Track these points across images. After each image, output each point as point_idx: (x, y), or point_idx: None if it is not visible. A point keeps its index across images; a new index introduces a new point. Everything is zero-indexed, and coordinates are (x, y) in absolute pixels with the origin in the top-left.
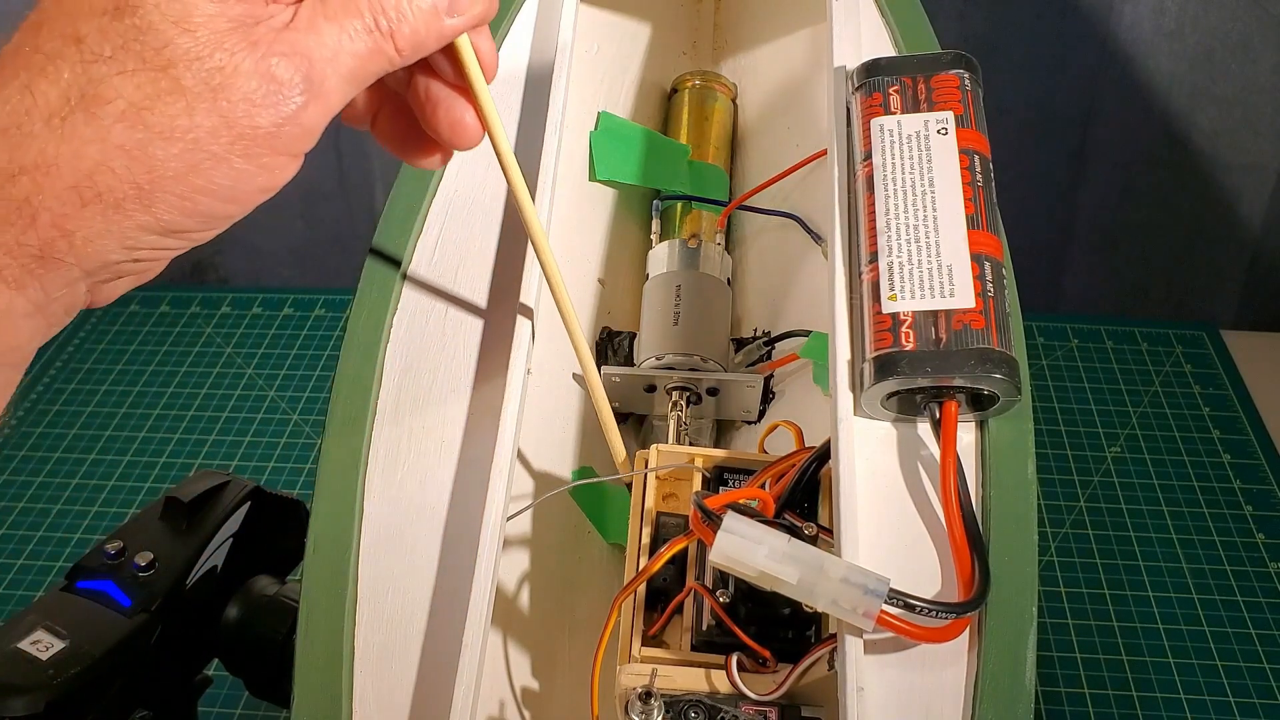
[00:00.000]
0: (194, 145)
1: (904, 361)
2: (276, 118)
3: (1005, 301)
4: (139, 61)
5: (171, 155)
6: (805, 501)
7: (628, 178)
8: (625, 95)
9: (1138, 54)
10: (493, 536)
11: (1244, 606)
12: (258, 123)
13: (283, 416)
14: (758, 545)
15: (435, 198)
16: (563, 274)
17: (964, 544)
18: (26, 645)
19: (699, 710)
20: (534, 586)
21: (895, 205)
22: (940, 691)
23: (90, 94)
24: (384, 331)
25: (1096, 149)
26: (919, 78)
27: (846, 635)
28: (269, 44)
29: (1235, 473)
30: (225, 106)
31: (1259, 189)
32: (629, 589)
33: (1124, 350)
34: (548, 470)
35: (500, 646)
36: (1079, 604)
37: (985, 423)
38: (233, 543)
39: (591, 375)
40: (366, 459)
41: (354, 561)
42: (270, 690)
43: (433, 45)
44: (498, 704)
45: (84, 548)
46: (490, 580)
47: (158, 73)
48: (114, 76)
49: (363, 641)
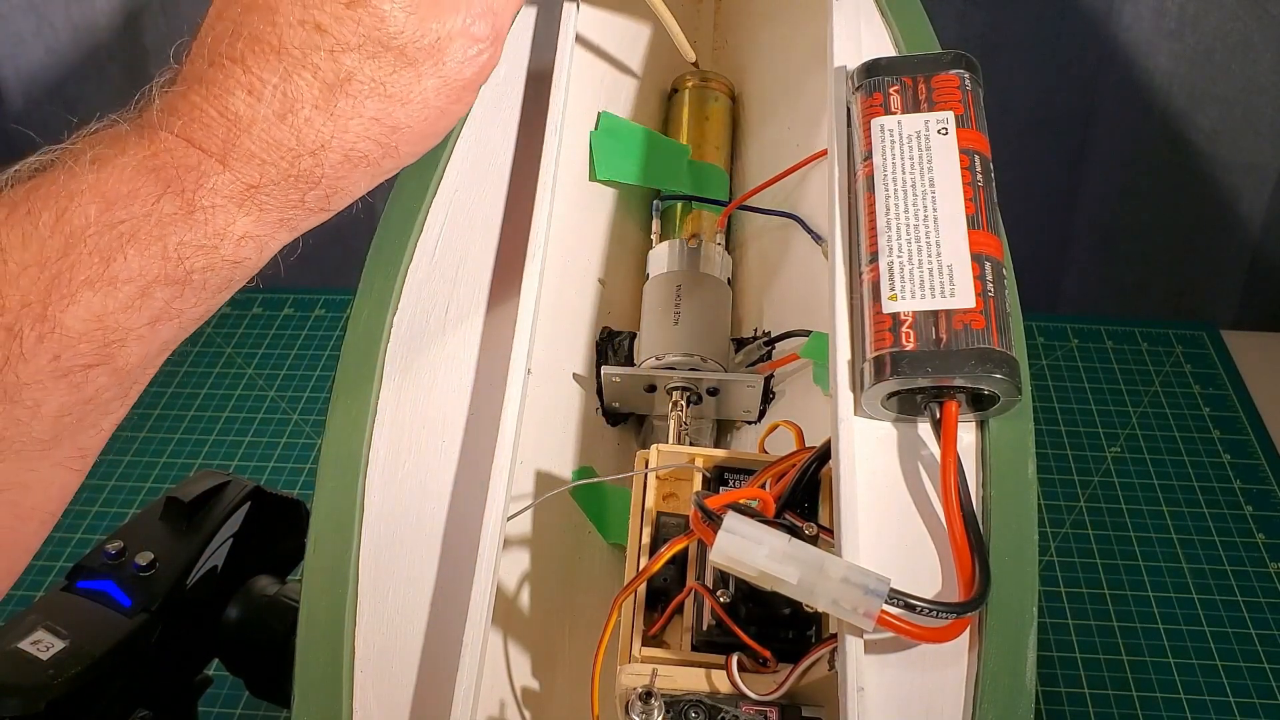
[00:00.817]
0: (423, 104)
1: (904, 361)
2: (477, 66)
3: (1005, 301)
4: (379, 47)
5: (410, 115)
6: (805, 501)
7: (628, 178)
8: (625, 95)
9: (1138, 54)
10: (493, 536)
11: (1244, 606)
12: (466, 74)
13: (283, 416)
14: (758, 545)
15: (435, 197)
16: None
17: (964, 544)
18: (27, 645)
19: (699, 710)
20: (534, 586)
21: (896, 205)
22: (940, 691)
23: (346, 78)
24: (384, 331)
25: (1096, 149)
26: (919, 78)
27: (847, 635)
28: (466, 6)
29: (1235, 473)
30: (443, 69)
31: (1259, 189)
32: (629, 589)
33: (1124, 350)
34: (548, 470)
35: (500, 646)
36: (1079, 604)
37: (985, 423)
38: (233, 543)
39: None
40: (366, 459)
41: (354, 561)
42: (270, 690)
43: None
44: (498, 704)
45: (84, 548)
46: (490, 580)
47: (395, 54)
48: (363, 63)
49: (363, 641)
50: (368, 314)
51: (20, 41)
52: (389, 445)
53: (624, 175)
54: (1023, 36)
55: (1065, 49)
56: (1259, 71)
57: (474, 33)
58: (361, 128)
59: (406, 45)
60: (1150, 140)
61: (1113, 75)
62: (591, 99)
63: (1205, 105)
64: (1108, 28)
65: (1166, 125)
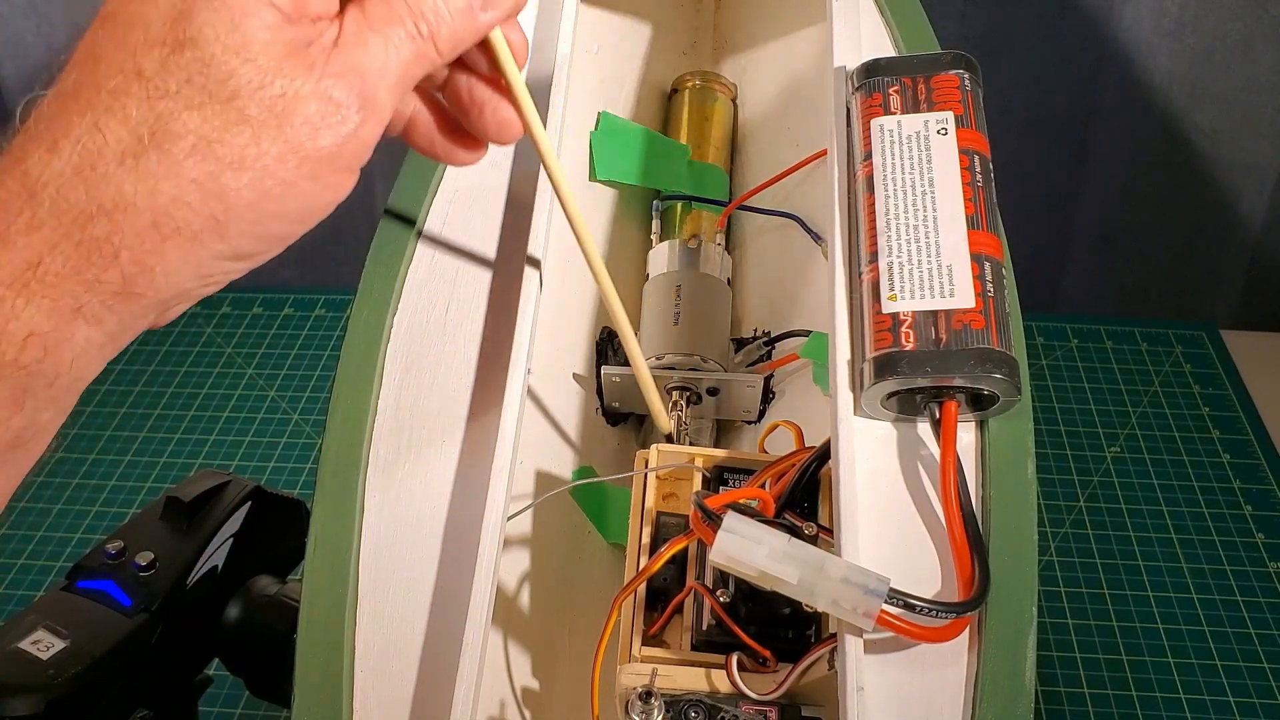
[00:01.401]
0: (263, 173)
1: (904, 361)
2: (337, 137)
3: (1005, 301)
4: (204, 95)
5: (243, 185)
6: (805, 501)
7: (628, 178)
8: (625, 95)
9: (1138, 54)
10: (493, 536)
11: (1244, 606)
12: (321, 144)
13: (283, 416)
14: (758, 545)
15: (436, 198)
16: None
17: (964, 544)
18: (27, 645)
19: (699, 710)
20: (534, 586)
21: (895, 205)
22: (940, 691)
23: (161, 130)
24: (384, 331)
25: (1096, 149)
26: (919, 78)
27: (846, 635)
28: (324, 65)
29: (1235, 473)
30: (290, 132)
31: (1259, 189)
32: (629, 589)
33: (1124, 350)
34: (548, 470)
35: (500, 646)
36: (1079, 604)
37: (985, 423)
38: (233, 543)
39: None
40: (366, 459)
41: (354, 561)
42: (270, 690)
43: (470, 41)
44: (498, 704)
45: (84, 548)
46: (490, 580)
47: (224, 105)
48: (182, 112)
49: (363, 641)
50: (368, 314)
51: (20, 42)
52: (389, 445)
53: (624, 175)
54: (1023, 36)
55: (1065, 49)
56: (1259, 71)
57: (333, 96)
58: (177, 190)
59: (240, 97)
60: (1150, 140)
61: (1113, 75)
62: (591, 99)
63: (1205, 105)
64: (1108, 28)
65: (1166, 125)
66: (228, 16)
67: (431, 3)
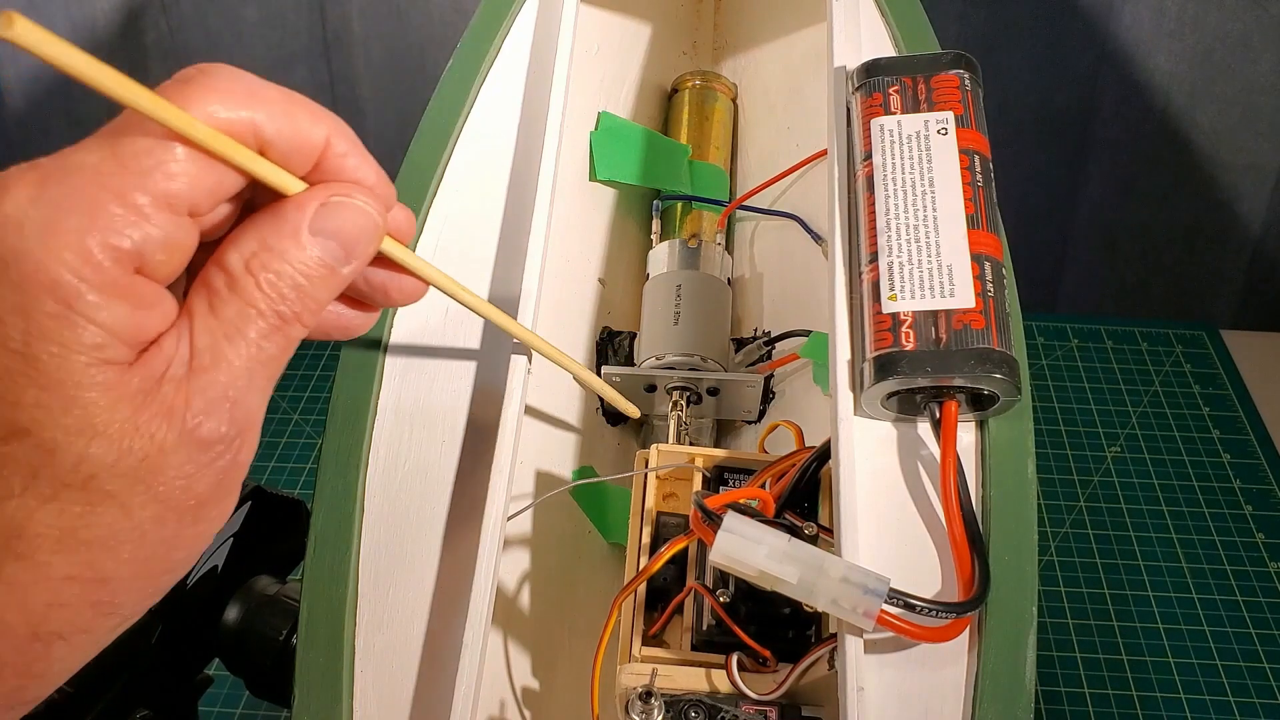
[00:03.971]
0: (140, 540)
1: (904, 361)
2: (216, 475)
3: (1005, 301)
4: (56, 486)
5: (123, 562)
6: (805, 501)
7: (628, 178)
8: (625, 95)
9: (1138, 54)
10: (493, 536)
11: (1244, 606)
12: (198, 490)
13: (283, 416)
14: (758, 545)
15: (436, 198)
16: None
17: (964, 544)
18: None
19: (699, 710)
20: (534, 586)
21: (895, 205)
22: (940, 691)
23: (13, 534)
24: (384, 332)
25: (1096, 149)
26: (919, 78)
27: (846, 635)
28: (184, 403)
29: (1235, 473)
30: (162, 491)
31: (1259, 189)
32: (629, 589)
33: (1124, 350)
34: (548, 470)
35: (500, 646)
36: (1079, 604)
37: (985, 423)
38: (233, 542)
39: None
40: (366, 459)
41: (354, 561)
42: (270, 690)
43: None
44: (498, 704)
45: None
46: (490, 580)
47: (81, 490)
48: (36, 510)
49: (363, 641)
50: None
51: None
52: (389, 445)
53: (624, 175)
54: (1023, 36)
55: (1065, 49)
56: (1259, 71)
57: (202, 436)
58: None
59: (96, 476)
60: (1150, 140)
61: (1113, 75)
62: (591, 99)
63: (1205, 105)
64: (1108, 27)
65: (1166, 125)
66: (59, 393)
67: (290, 278)
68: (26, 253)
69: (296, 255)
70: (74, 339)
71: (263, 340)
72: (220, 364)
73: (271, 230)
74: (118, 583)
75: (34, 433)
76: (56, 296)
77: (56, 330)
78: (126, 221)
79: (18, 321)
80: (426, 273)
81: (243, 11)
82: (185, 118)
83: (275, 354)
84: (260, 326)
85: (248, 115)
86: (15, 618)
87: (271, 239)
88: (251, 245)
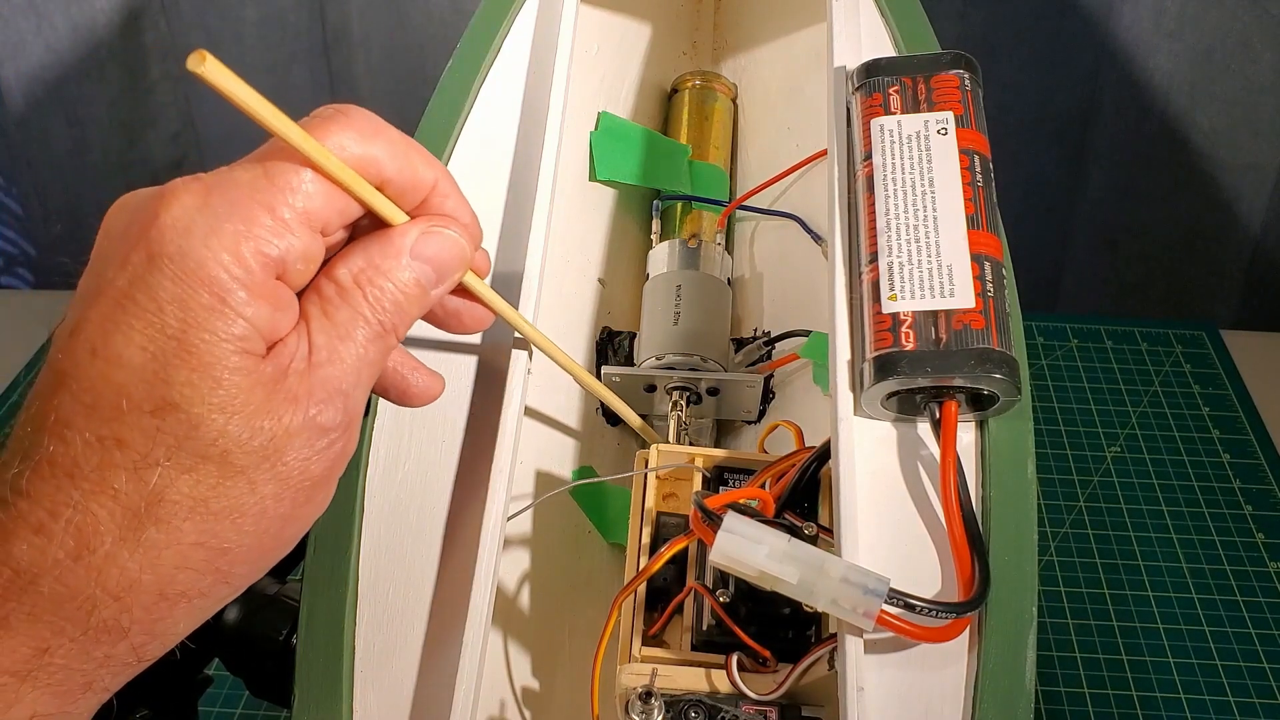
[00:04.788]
0: (261, 515)
1: (904, 361)
2: (329, 460)
3: (1005, 301)
4: (195, 458)
5: (244, 533)
6: (805, 501)
7: (628, 178)
8: (625, 95)
9: (1138, 54)
10: (493, 536)
11: (1244, 606)
12: (314, 472)
13: None
14: (758, 545)
15: None
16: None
17: (964, 544)
18: None
19: (699, 710)
20: (534, 586)
21: (895, 205)
22: (940, 691)
23: (154, 500)
24: None
25: (1096, 149)
26: (919, 78)
27: (846, 635)
28: (306, 393)
29: (1235, 473)
30: (283, 469)
31: (1259, 189)
32: (629, 589)
33: (1124, 350)
34: (548, 470)
35: (500, 646)
36: (1079, 604)
37: (985, 423)
38: None
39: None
40: (366, 459)
41: (354, 561)
42: (270, 690)
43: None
44: (498, 704)
45: None
46: (490, 580)
47: (216, 464)
48: (176, 479)
49: (363, 641)
50: None
51: (20, 42)
52: (389, 445)
53: (624, 175)
54: (1023, 36)
55: (1065, 49)
56: (1259, 71)
57: (321, 423)
58: (180, 557)
59: (230, 452)
60: (1150, 140)
61: (1113, 75)
62: (591, 99)
63: (1205, 105)
64: (1108, 28)
65: (1166, 125)
66: (208, 375)
67: (390, 294)
68: (190, 252)
69: (398, 274)
70: (224, 328)
71: (367, 344)
72: (335, 360)
73: (379, 251)
74: (237, 552)
75: (182, 408)
76: (212, 291)
77: (209, 320)
78: (274, 231)
79: (176, 311)
80: (498, 305)
81: (242, 11)
82: (323, 151)
83: (376, 359)
84: (366, 332)
85: (373, 153)
86: (149, 577)
87: (378, 258)
88: (359, 262)
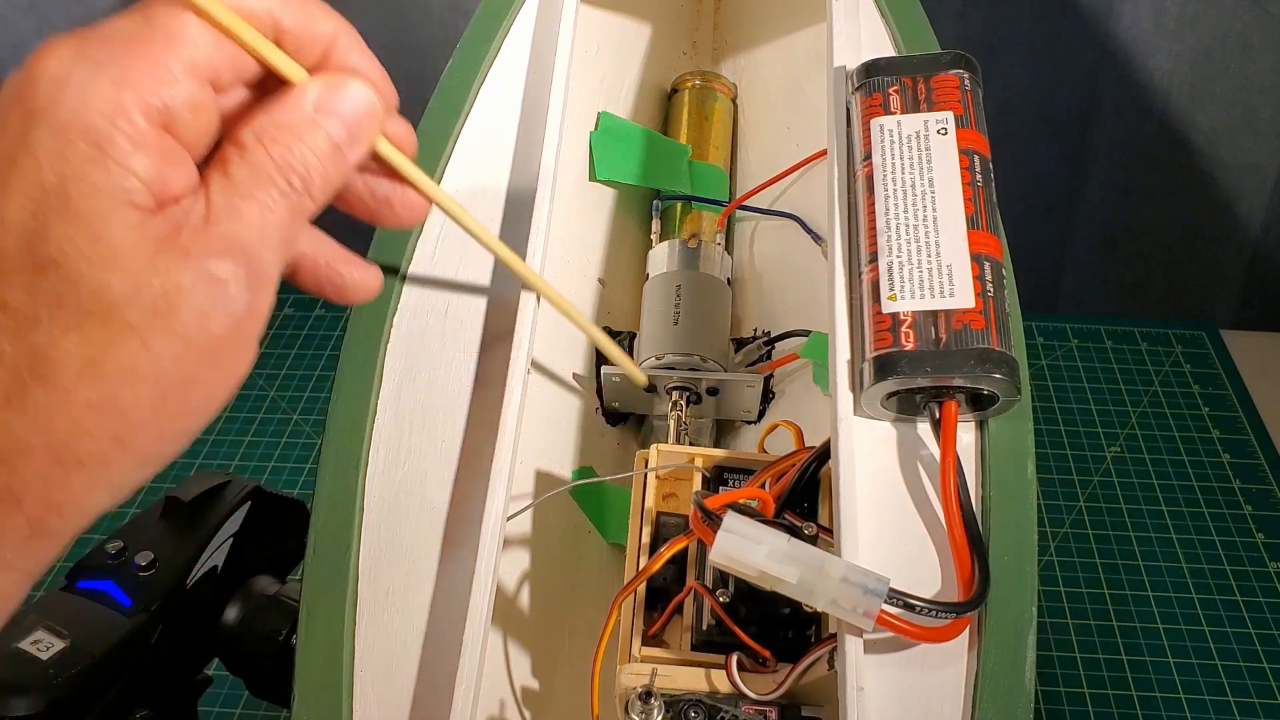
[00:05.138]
0: (160, 376)
1: (904, 361)
2: (231, 318)
3: (1005, 301)
4: (80, 315)
5: (141, 395)
6: (805, 501)
7: (628, 178)
8: (625, 95)
9: (1138, 54)
10: (493, 536)
11: (1244, 606)
12: (214, 330)
13: (283, 416)
14: (758, 545)
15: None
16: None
17: (964, 544)
18: (27, 645)
19: (699, 710)
20: (534, 586)
21: (895, 205)
22: (940, 691)
23: (41, 361)
24: (384, 331)
25: (1096, 149)
26: (919, 78)
27: (846, 635)
28: (200, 247)
29: (1235, 473)
30: (179, 327)
31: (1259, 189)
32: (629, 589)
33: (1123, 350)
34: (548, 470)
35: (500, 646)
36: (1079, 604)
37: (985, 423)
38: (233, 543)
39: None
40: (366, 459)
41: (354, 561)
42: (270, 690)
43: (343, 179)
44: (498, 704)
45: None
46: (490, 580)
47: (103, 320)
48: (60, 337)
49: (363, 641)
50: (367, 314)
51: (21, 42)
52: (389, 445)
53: (624, 175)
54: (1023, 36)
55: (1065, 49)
56: (1259, 71)
57: (217, 275)
58: (72, 419)
59: (116, 307)
60: (1150, 140)
61: (1113, 75)
62: (591, 99)
63: (1205, 105)
64: (1108, 28)
65: (1166, 125)
66: (87, 229)
67: (299, 154)
68: (65, 101)
69: (304, 130)
70: (104, 180)
71: (274, 204)
72: (233, 216)
73: (280, 108)
74: (136, 415)
75: (61, 264)
76: (90, 141)
77: (88, 171)
78: (157, 79)
79: (54, 164)
80: (425, 185)
81: None
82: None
83: (285, 218)
84: (271, 193)
85: (266, 4)
86: (38, 440)
87: (279, 115)
88: (262, 122)
